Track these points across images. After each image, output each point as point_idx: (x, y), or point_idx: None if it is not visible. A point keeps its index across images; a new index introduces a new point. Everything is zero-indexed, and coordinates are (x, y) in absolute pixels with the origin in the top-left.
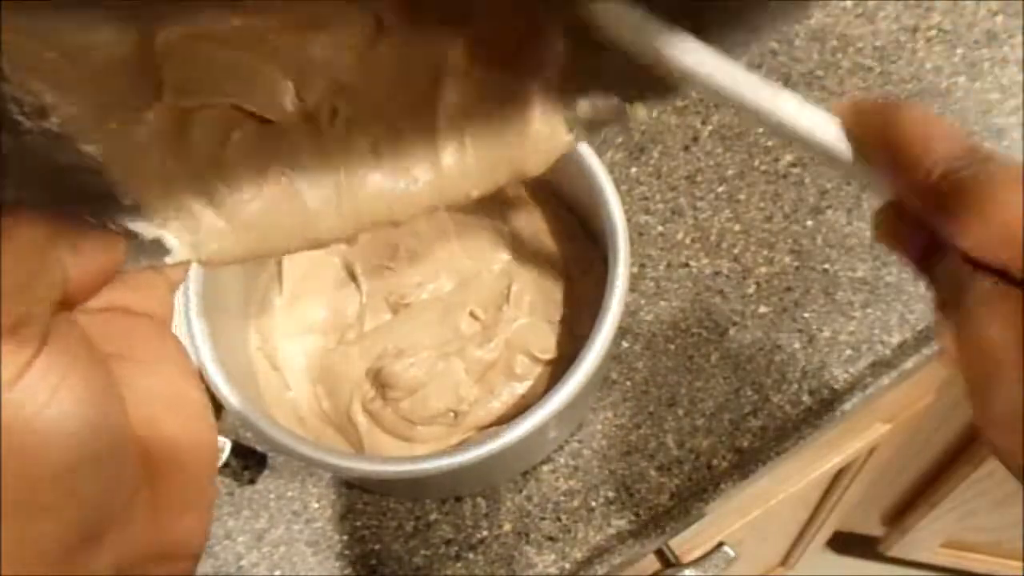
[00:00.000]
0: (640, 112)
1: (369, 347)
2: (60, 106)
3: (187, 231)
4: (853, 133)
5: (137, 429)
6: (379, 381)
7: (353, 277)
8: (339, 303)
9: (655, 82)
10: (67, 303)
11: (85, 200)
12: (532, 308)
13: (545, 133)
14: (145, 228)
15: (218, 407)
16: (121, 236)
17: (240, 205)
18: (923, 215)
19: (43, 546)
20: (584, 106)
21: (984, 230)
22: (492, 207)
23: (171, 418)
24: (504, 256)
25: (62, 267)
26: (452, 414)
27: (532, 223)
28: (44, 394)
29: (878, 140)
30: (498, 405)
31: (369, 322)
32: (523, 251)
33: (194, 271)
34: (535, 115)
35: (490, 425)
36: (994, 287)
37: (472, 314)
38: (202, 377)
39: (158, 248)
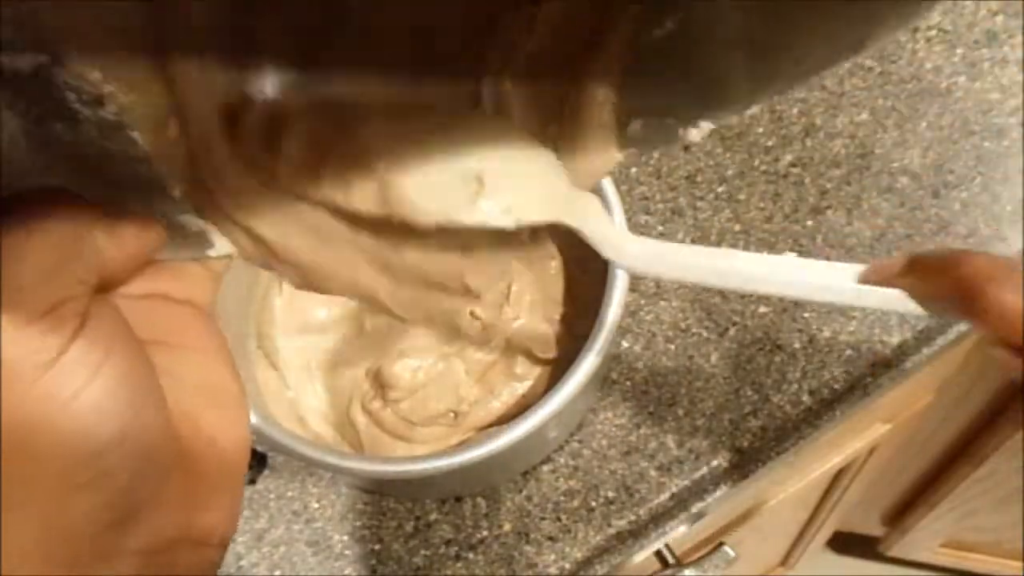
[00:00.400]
0: (694, 135)
1: (368, 347)
2: (117, 95)
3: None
4: (916, 292)
5: (174, 415)
6: (379, 382)
7: None
8: (339, 301)
9: (714, 104)
10: (105, 287)
11: (133, 188)
12: (532, 308)
13: (599, 151)
14: (190, 220)
15: None
16: (159, 221)
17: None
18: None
19: (77, 524)
20: (636, 126)
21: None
22: None
23: (208, 406)
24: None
25: (98, 250)
26: (452, 414)
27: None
28: (84, 375)
29: (946, 289)
30: (498, 405)
31: (368, 321)
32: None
33: None
34: (592, 132)
35: (490, 425)
36: None
37: (472, 314)
38: None
39: (202, 241)
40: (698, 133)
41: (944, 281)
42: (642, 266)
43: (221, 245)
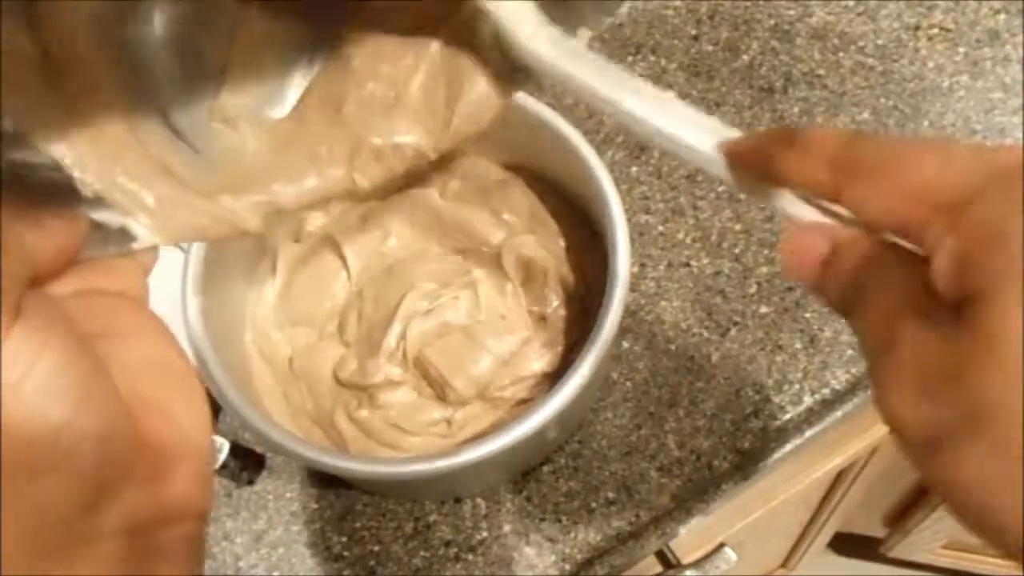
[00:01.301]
0: (584, 36)
1: (351, 353)
2: (10, 107)
3: (146, 208)
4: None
5: (126, 398)
6: (365, 392)
7: (345, 267)
8: (329, 295)
9: (591, 6)
10: (37, 282)
11: (49, 194)
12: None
13: (487, 85)
14: (110, 217)
15: (217, 407)
16: (82, 215)
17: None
18: (826, 197)
19: (49, 510)
20: None
21: (893, 189)
22: (491, 205)
23: (158, 385)
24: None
25: (26, 243)
26: (446, 423)
27: (531, 223)
28: (24, 362)
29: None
30: (494, 414)
31: (353, 320)
32: None
33: (193, 265)
34: (481, 66)
35: (485, 433)
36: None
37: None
38: (200, 377)
39: (124, 236)
40: (588, 34)
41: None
42: (545, 56)
43: (145, 237)
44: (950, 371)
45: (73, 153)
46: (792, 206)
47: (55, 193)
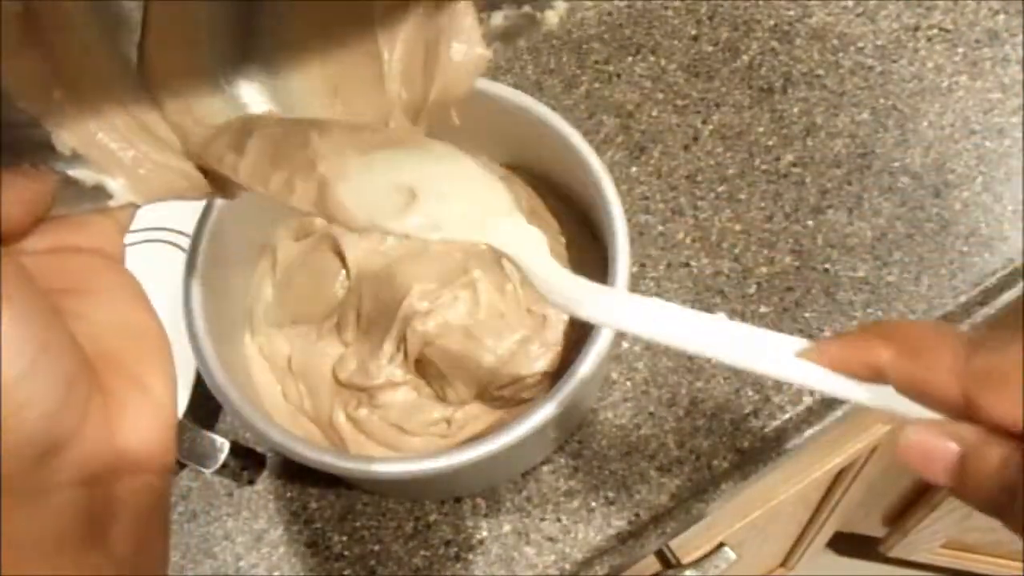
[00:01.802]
0: (552, 18)
1: (350, 353)
2: None
3: (123, 166)
4: (836, 367)
5: (91, 352)
6: (365, 392)
7: (344, 265)
8: (327, 294)
9: None
10: (7, 239)
11: (26, 152)
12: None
13: (465, 50)
14: (85, 175)
15: (217, 406)
16: (50, 170)
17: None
18: (950, 405)
19: (2, 457)
20: (498, 18)
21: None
22: None
23: (126, 343)
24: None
25: None
26: (446, 423)
27: (531, 222)
28: None
29: (882, 360)
30: (493, 414)
31: (352, 319)
32: None
33: (195, 264)
34: (456, 32)
35: (485, 433)
36: None
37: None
38: (201, 376)
39: (100, 193)
40: (554, 15)
41: (872, 353)
42: (575, 307)
43: (121, 195)
44: None
45: (51, 110)
46: (897, 401)
47: (32, 150)
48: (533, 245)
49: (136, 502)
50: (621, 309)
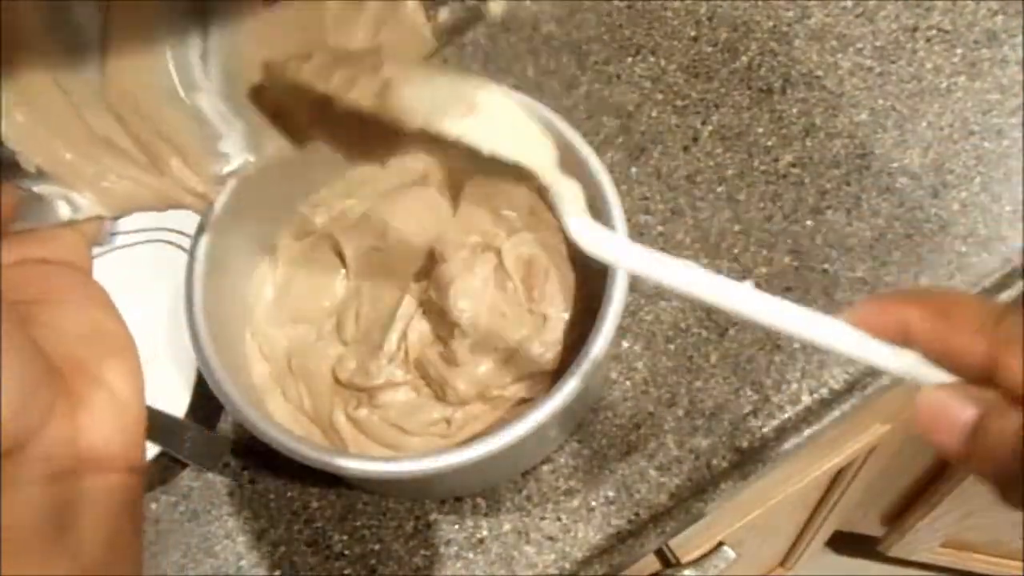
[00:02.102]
0: (495, 9)
1: (349, 353)
2: None
3: (88, 180)
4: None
5: (57, 358)
6: (365, 392)
7: (344, 264)
8: (327, 293)
9: None
10: None
11: None
12: None
13: (415, 45)
14: (52, 190)
15: (218, 406)
16: (13, 186)
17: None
18: (976, 368)
19: None
20: (444, 12)
21: None
22: (490, 204)
23: (93, 350)
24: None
25: None
26: (446, 423)
27: (531, 222)
28: None
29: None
30: (493, 414)
31: (351, 319)
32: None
33: (197, 264)
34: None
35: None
36: None
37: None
38: (201, 376)
39: (67, 207)
40: (497, 6)
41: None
42: (602, 253)
43: (87, 208)
44: None
45: (16, 129)
46: (919, 368)
47: None
48: (574, 192)
49: (104, 501)
50: (649, 262)
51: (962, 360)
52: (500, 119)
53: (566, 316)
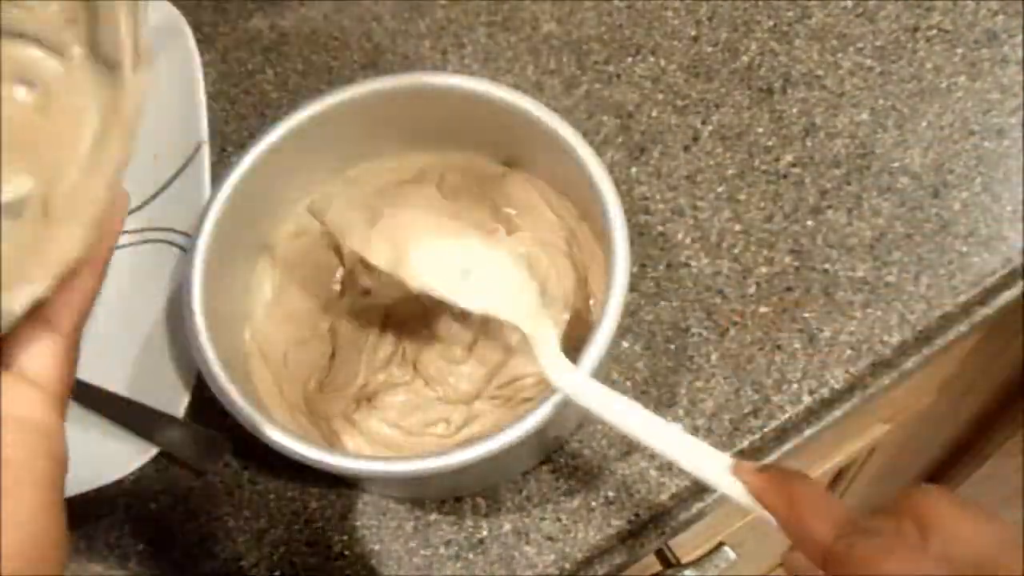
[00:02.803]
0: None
1: (344, 354)
2: None
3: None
4: (755, 493)
5: None
6: (365, 392)
7: (342, 263)
8: (325, 291)
9: None
10: None
11: None
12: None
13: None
14: None
15: (219, 406)
16: None
17: None
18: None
19: None
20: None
21: None
22: (491, 201)
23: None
24: None
25: None
26: (446, 423)
27: (531, 222)
28: None
29: (782, 506)
30: (493, 415)
31: (352, 320)
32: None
33: (196, 263)
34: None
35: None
36: None
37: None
38: (201, 376)
39: None
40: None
41: (781, 496)
42: (571, 392)
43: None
44: None
45: None
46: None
47: None
48: (548, 336)
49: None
50: (595, 397)
51: (807, 555)
52: (490, 280)
53: (566, 316)
